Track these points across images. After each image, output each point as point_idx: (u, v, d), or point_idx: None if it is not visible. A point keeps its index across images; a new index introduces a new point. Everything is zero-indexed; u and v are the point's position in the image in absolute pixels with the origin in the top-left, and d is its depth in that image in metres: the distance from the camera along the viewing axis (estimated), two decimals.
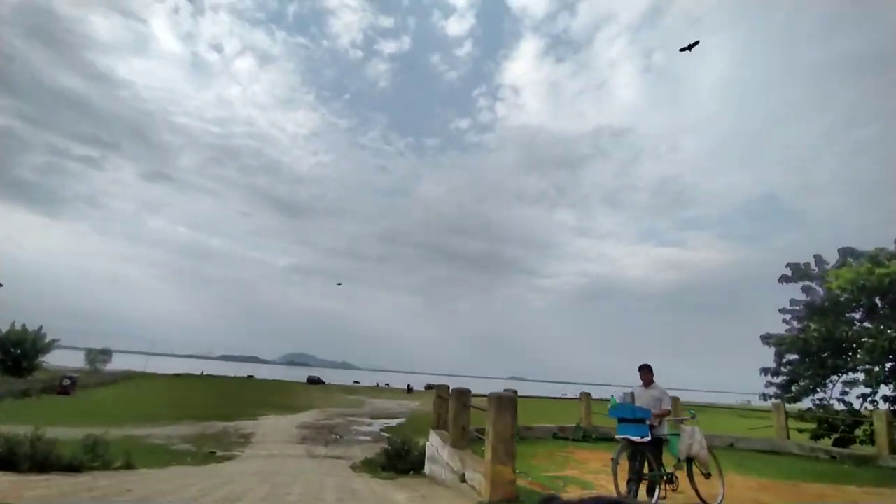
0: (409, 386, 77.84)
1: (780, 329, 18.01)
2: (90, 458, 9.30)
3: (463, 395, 9.03)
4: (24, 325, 36.91)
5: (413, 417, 34.49)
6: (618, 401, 6.83)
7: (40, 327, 37.95)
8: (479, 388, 11.23)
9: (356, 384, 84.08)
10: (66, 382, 33.44)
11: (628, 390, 7.03)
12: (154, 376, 60.42)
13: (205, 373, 74.71)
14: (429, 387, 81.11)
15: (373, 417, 32.80)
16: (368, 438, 22.73)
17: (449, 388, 10.40)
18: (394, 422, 31.11)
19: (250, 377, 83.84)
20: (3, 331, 35.74)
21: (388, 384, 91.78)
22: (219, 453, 16.25)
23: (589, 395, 16.07)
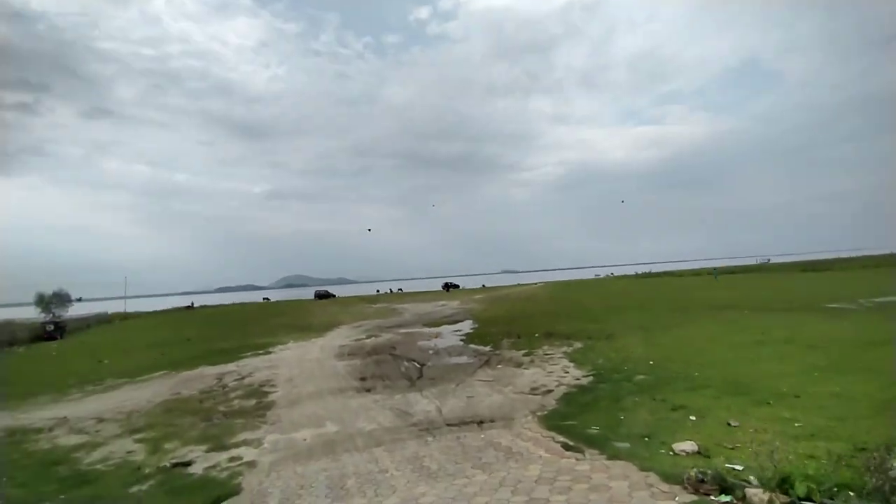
0: (447, 284, 73.15)
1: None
2: None
3: None
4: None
5: (481, 317, 25.90)
6: None
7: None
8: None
9: (378, 293, 76.63)
10: (50, 328, 32.66)
11: None
12: (137, 315, 51.21)
13: (195, 304, 65.67)
14: (446, 286, 75.94)
15: (428, 325, 23.95)
16: (466, 358, 13.61)
17: None
18: (463, 327, 22.33)
19: (266, 300, 75.35)
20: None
21: (400, 289, 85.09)
22: (196, 461, 6.62)
23: None
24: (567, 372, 11.07)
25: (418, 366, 13.32)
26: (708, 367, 10.14)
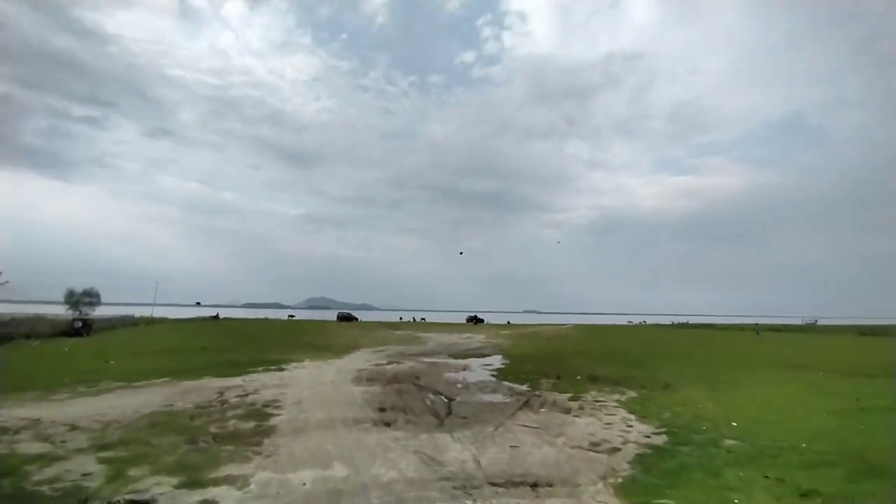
0: (474, 317, 71.47)
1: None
2: None
3: None
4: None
5: (511, 353, 23.75)
6: None
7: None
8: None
9: (401, 320, 75.19)
10: (78, 325, 32.96)
11: None
12: (163, 321, 51.16)
13: (220, 315, 65.59)
14: (470, 319, 73.60)
15: (454, 356, 21.97)
16: (502, 397, 11.62)
17: None
18: (493, 361, 20.27)
19: (292, 317, 76.74)
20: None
21: (423, 318, 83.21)
22: (157, 501, 4.94)
23: None
24: (630, 426, 8.99)
25: (446, 400, 11.42)
26: (816, 438, 7.92)
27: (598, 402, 11.30)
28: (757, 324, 62.93)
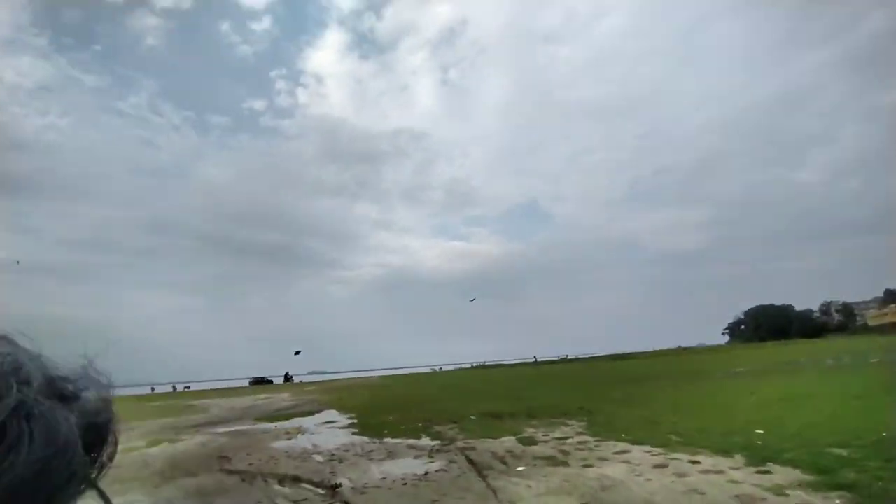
0: (261, 378, 63.28)
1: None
2: None
3: None
4: None
5: (347, 405, 17.73)
6: None
7: None
8: None
9: (153, 392, 55.96)
10: None
11: None
12: None
13: None
14: (255, 381, 61.32)
15: (268, 419, 14.73)
16: (419, 463, 6.50)
17: None
18: (331, 418, 14.14)
19: None
20: None
21: (188, 387, 65.00)
22: None
23: None
24: (696, 461, 5.42)
25: (322, 491, 5.61)
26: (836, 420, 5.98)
27: (565, 440, 7.44)
28: (535, 357, 71.52)
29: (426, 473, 6.06)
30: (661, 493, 4.68)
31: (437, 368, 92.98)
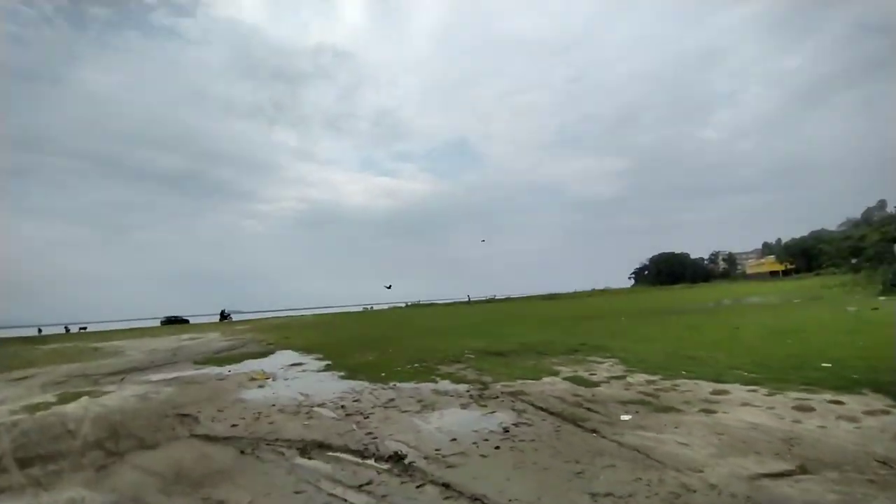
0: (174, 318, 58.22)
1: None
2: None
3: None
4: None
5: (306, 346, 15.68)
6: None
7: None
8: None
9: (41, 334, 48.24)
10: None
11: None
12: None
13: None
14: (168, 321, 55.69)
15: (213, 362, 12.34)
16: (481, 417, 5.05)
17: None
18: (296, 360, 12.14)
19: None
20: None
21: (84, 328, 57.34)
22: None
23: None
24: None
25: (382, 465, 3.94)
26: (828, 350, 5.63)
27: (624, 379, 6.40)
28: (469, 296, 72.82)
29: (506, 430, 4.61)
30: (854, 438, 3.69)
31: (368, 307, 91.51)
